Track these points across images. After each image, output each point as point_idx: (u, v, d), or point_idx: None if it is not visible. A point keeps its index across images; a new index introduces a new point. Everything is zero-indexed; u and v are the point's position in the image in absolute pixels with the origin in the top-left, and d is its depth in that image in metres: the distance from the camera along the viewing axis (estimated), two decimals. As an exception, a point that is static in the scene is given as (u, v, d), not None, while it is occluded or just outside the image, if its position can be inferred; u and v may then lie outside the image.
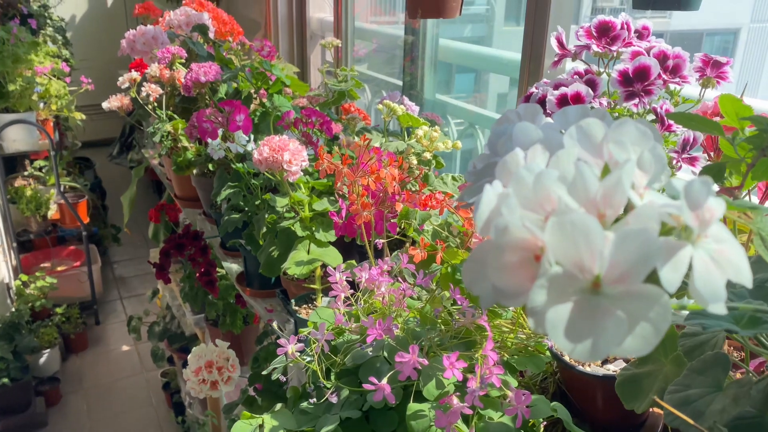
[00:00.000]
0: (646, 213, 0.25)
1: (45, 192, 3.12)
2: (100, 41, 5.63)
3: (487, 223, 0.28)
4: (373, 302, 0.74)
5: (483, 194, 0.28)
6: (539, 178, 0.27)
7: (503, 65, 1.65)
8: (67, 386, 2.81)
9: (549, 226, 0.25)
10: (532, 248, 0.25)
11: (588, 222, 0.24)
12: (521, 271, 0.26)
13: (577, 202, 0.26)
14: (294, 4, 2.51)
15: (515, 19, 9.00)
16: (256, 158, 1.08)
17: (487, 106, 2.82)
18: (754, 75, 11.35)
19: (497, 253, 0.26)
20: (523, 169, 0.28)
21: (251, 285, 1.52)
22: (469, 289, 0.28)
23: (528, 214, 0.27)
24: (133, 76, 1.64)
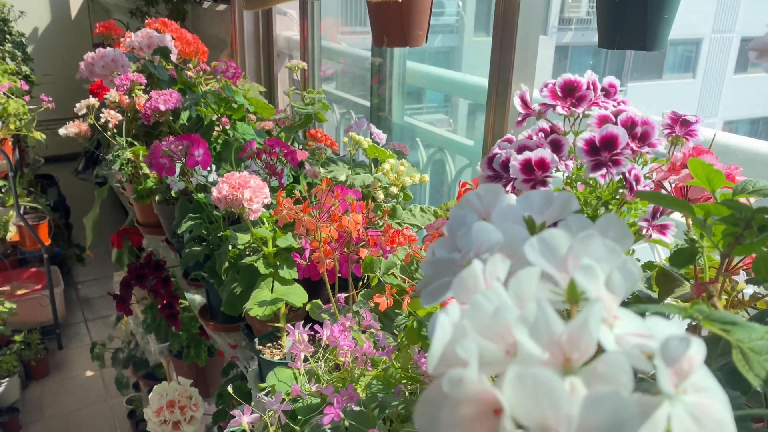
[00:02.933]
0: (617, 363, 0.22)
1: (4, 213, 3.01)
2: (64, 55, 5.51)
3: (441, 360, 0.24)
4: (337, 359, 0.71)
5: (437, 326, 0.25)
6: (498, 313, 0.24)
7: (470, 90, 1.63)
8: (28, 416, 2.71)
9: (508, 380, 0.22)
10: (490, 401, 0.22)
11: (552, 381, 0.21)
12: (478, 426, 0.23)
13: (540, 345, 0.23)
14: (261, 22, 2.47)
15: (485, 29, 9.06)
16: (215, 196, 1.04)
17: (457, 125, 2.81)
18: (715, 83, 11.59)
19: (452, 406, 0.22)
20: (482, 297, 0.25)
21: (215, 318, 1.47)
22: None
23: (486, 344, 0.24)
24: (90, 101, 1.58)
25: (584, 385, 0.23)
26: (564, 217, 0.37)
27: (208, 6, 2.86)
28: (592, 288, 0.25)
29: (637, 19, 0.75)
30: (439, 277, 0.34)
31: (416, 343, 0.68)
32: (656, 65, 11.57)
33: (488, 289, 0.27)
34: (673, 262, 0.40)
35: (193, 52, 2.07)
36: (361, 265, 0.88)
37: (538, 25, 1.22)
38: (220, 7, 2.74)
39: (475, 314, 0.25)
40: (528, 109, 0.56)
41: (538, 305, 0.23)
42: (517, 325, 0.23)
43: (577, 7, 11.63)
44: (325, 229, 0.78)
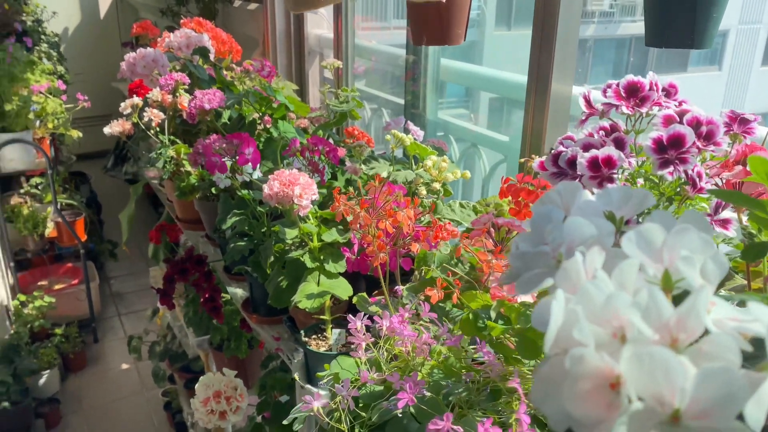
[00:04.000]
0: (724, 343, 0.24)
1: (42, 210, 3.10)
2: (93, 53, 5.61)
3: (555, 342, 0.27)
4: (394, 349, 0.74)
5: (551, 312, 0.27)
6: (610, 300, 0.26)
7: (506, 87, 1.65)
8: (67, 407, 2.79)
9: (626, 358, 0.24)
10: (607, 377, 0.25)
11: (667, 357, 0.24)
12: (596, 399, 0.25)
13: (651, 328, 0.26)
14: (292, 20, 2.51)
15: (506, 23, 8.98)
16: (266, 193, 1.07)
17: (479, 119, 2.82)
18: (742, 75, 11.39)
19: (572, 381, 0.25)
20: (592, 285, 0.27)
21: (257, 311, 1.50)
22: (539, 406, 0.28)
23: (595, 328, 0.27)
24: (135, 101, 1.63)
25: (690, 363, 0.25)
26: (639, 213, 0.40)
27: (239, 5, 2.90)
28: (693, 276, 0.27)
29: (685, 18, 0.76)
30: (531, 269, 0.36)
31: (472, 334, 0.71)
32: (681, 58, 11.42)
33: (591, 279, 0.30)
34: (745, 256, 0.42)
35: (227, 51, 2.12)
36: (412, 258, 0.91)
37: (577, 21, 1.23)
38: (251, 6, 2.78)
39: (584, 301, 0.27)
40: (591, 108, 0.58)
41: (649, 292, 0.26)
42: (631, 310, 0.26)
43: (600, 0, 11.50)
44: (381, 223, 0.81)
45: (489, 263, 0.78)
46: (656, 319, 0.26)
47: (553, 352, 0.28)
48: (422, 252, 0.84)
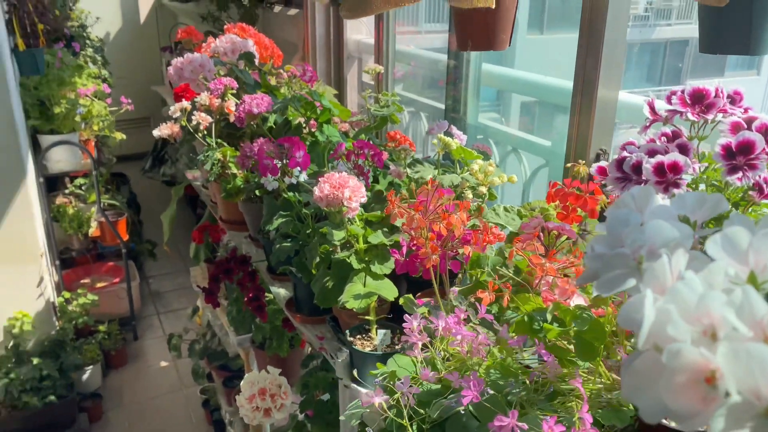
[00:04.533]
0: (818, 341, 0.26)
1: (86, 210, 3.19)
2: (133, 57, 5.74)
3: (648, 338, 0.29)
4: (449, 349, 0.75)
5: (644, 311, 0.29)
6: (703, 299, 0.28)
7: (549, 91, 1.65)
8: (109, 403, 2.86)
9: (722, 353, 0.26)
10: (702, 371, 0.26)
11: (764, 352, 0.25)
12: (692, 392, 0.27)
13: (746, 325, 0.27)
14: (332, 26, 2.55)
15: (538, 27, 8.91)
16: (317, 195, 1.10)
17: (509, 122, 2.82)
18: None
19: (669, 375, 0.27)
20: (683, 285, 0.29)
21: (301, 311, 1.53)
22: (630, 399, 0.29)
23: (686, 326, 0.28)
24: (184, 105, 1.68)
25: (783, 359, 0.26)
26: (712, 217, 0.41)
27: (279, 10, 2.95)
28: (784, 278, 0.28)
29: (741, 25, 0.76)
30: (610, 270, 0.38)
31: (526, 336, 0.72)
32: (718, 62, 11.19)
33: (677, 280, 0.31)
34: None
35: (269, 57, 2.16)
36: (463, 261, 0.92)
37: (625, 24, 1.23)
38: (291, 11, 2.83)
39: (677, 300, 0.29)
40: (656, 115, 0.59)
41: (744, 291, 0.27)
42: (725, 308, 0.27)
43: (636, 4, 11.35)
44: (435, 226, 0.83)
45: (542, 266, 0.79)
46: (750, 317, 0.27)
47: (645, 347, 0.29)
48: (475, 254, 0.85)
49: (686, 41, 10.86)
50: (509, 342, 0.66)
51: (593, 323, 0.66)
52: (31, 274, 2.60)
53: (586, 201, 1.00)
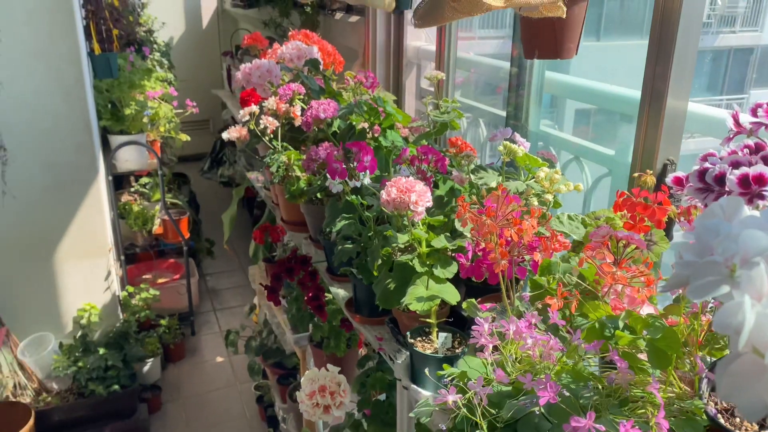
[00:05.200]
0: None
1: (150, 208, 3.32)
2: (195, 62, 5.93)
3: (747, 341, 0.30)
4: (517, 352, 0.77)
5: (745, 315, 0.30)
6: (805, 305, 0.29)
7: (614, 100, 1.64)
8: (167, 395, 2.96)
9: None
10: (805, 374, 0.28)
11: None
12: (793, 394, 0.28)
13: None
14: (392, 33, 2.58)
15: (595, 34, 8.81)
16: (383, 198, 1.13)
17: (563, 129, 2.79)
18: None
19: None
20: (783, 292, 0.30)
21: (360, 312, 1.56)
22: (729, 399, 0.31)
23: (783, 332, 0.30)
24: (253, 109, 1.74)
25: None
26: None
27: (340, 17, 3.01)
28: None
29: None
30: (701, 277, 0.39)
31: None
32: (786, 73, 10.76)
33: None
34: None
35: (330, 63, 2.20)
36: (529, 267, 0.94)
37: (697, 31, 1.22)
38: (352, 18, 2.88)
39: (776, 305, 0.30)
40: (740, 127, 0.59)
41: None
42: (828, 315, 0.28)
43: (699, 10, 10.99)
44: (506, 231, 0.84)
45: (613, 275, 0.80)
46: None
47: (744, 350, 0.30)
48: (546, 261, 0.87)
49: (751, 49, 10.48)
50: (585, 347, 0.67)
51: (667, 332, 0.66)
52: (99, 268, 2.72)
53: (654, 211, 1.00)
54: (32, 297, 2.61)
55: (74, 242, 2.61)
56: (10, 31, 2.19)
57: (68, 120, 2.44)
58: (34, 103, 2.37)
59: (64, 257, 2.62)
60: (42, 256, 2.58)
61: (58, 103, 2.41)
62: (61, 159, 2.48)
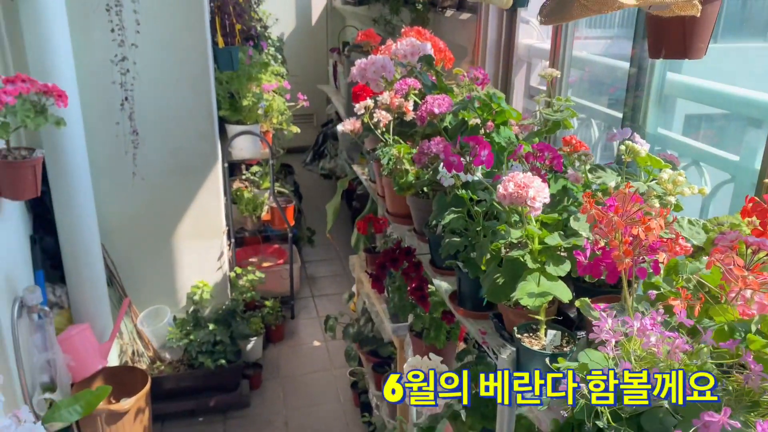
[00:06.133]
0: None
1: (260, 195, 3.49)
2: (303, 57, 6.14)
3: None
4: (639, 349, 0.77)
5: None
6: None
7: (744, 105, 1.57)
8: (267, 373, 3.12)
9: None
10: None
11: None
12: None
13: None
14: (504, 30, 2.58)
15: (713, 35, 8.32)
16: (500, 193, 1.15)
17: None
18: None
19: None
20: None
21: (463, 305, 1.58)
22: None
23: None
24: (368, 103, 1.80)
25: None
26: None
27: (451, 14, 3.04)
28: None
29: None
30: None
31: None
32: None
33: None
34: None
35: (441, 59, 2.23)
36: (650, 267, 0.93)
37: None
38: (463, 16, 2.90)
39: None
40: None
41: None
42: None
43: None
44: (633, 229, 0.84)
45: (744, 279, 0.78)
46: None
47: None
48: (673, 261, 0.86)
49: None
50: (721, 345, 0.66)
51: (805, 339, 0.65)
52: (213, 249, 2.90)
53: (788, 218, 0.96)
54: (152, 272, 2.83)
55: (192, 223, 2.80)
56: (147, 23, 2.37)
57: (194, 109, 2.62)
58: (165, 91, 2.56)
59: (182, 236, 2.82)
60: (163, 235, 2.79)
61: (186, 93, 2.59)
62: (186, 145, 2.67)
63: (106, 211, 2.60)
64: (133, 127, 2.47)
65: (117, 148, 2.53)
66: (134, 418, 2.43)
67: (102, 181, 2.55)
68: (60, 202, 2.35)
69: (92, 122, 2.42)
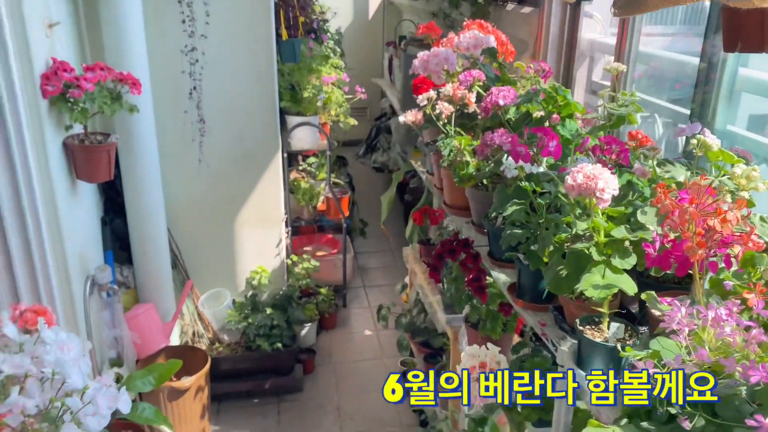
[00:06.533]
0: None
1: (316, 186, 3.56)
2: (359, 50, 6.19)
3: None
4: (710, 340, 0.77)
5: None
6: None
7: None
8: (320, 359, 3.18)
9: None
10: None
11: None
12: None
13: None
14: (566, 24, 2.56)
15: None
16: (569, 184, 1.16)
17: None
18: None
19: None
20: None
21: (522, 297, 1.59)
22: None
23: None
24: (431, 94, 1.83)
25: None
26: None
27: (511, 8, 3.02)
28: None
29: None
30: None
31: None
32: None
33: None
34: None
35: (502, 53, 2.23)
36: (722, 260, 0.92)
37: None
38: (524, 10, 2.88)
39: None
40: None
41: None
42: None
43: None
44: (709, 220, 0.84)
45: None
46: None
47: None
48: (749, 253, 0.85)
49: None
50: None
51: None
52: (272, 236, 2.98)
53: None
54: (214, 256, 2.93)
55: (253, 210, 2.88)
56: (216, 15, 2.46)
57: (258, 99, 2.70)
58: (231, 81, 2.64)
59: (243, 223, 2.91)
60: (226, 220, 2.88)
61: (252, 83, 2.66)
62: (249, 134, 2.75)
63: (173, 196, 2.70)
64: (200, 116, 2.56)
65: (184, 135, 2.63)
66: (194, 396, 2.53)
67: (169, 167, 2.65)
68: (130, 186, 2.46)
69: (162, 110, 2.52)
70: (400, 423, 2.76)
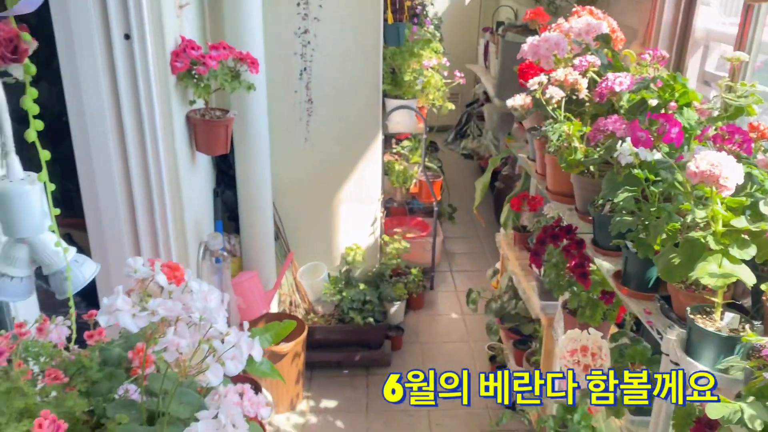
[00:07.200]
0: None
1: (409, 168, 3.62)
2: (455, 36, 6.19)
3: None
4: None
5: None
6: None
7: None
8: (408, 337, 3.26)
9: None
10: None
11: None
12: None
13: None
14: (681, 12, 2.48)
15: None
16: (691, 170, 1.16)
17: None
18: None
19: None
20: None
21: (627, 285, 1.59)
22: None
23: None
24: (542, 79, 1.84)
25: None
26: None
27: (622, -5, 2.95)
28: None
29: None
30: None
31: None
32: None
33: None
34: None
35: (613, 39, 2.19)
36: None
37: None
38: (635, -4, 2.81)
39: None
40: None
41: None
42: None
43: None
44: None
45: None
46: None
47: None
48: None
49: None
50: None
51: None
52: (368, 215, 3.08)
53: None
54: (313, 231, 3.06)
55: (352, 189, 2.99)
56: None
57: (363, 81, 2.78)
58: (340, 63, 2.74)
59: (342, 201, 3.02)
60: (326, 197, 3.00)
61: (358, 65, 2.75)
62: (352, 115, 2.84)
63: (279, 172, 2.84)
64: (309, 96, 2.67)
65: (293, 114, 2.75)
66: (291, 361, 2.67)
67: (278, 144, 2.79)
68: (242, 160, 2.61)
69: (274, 89, 2.65)
70: (486, 406, 2.80)
